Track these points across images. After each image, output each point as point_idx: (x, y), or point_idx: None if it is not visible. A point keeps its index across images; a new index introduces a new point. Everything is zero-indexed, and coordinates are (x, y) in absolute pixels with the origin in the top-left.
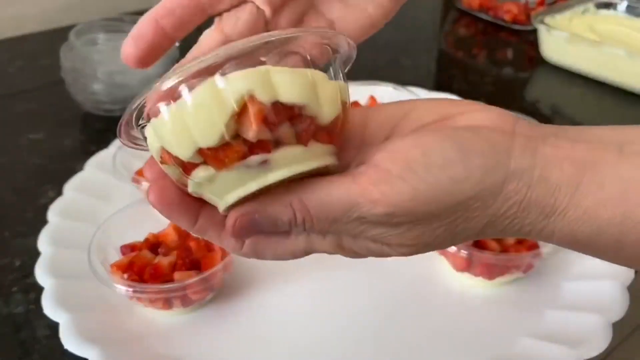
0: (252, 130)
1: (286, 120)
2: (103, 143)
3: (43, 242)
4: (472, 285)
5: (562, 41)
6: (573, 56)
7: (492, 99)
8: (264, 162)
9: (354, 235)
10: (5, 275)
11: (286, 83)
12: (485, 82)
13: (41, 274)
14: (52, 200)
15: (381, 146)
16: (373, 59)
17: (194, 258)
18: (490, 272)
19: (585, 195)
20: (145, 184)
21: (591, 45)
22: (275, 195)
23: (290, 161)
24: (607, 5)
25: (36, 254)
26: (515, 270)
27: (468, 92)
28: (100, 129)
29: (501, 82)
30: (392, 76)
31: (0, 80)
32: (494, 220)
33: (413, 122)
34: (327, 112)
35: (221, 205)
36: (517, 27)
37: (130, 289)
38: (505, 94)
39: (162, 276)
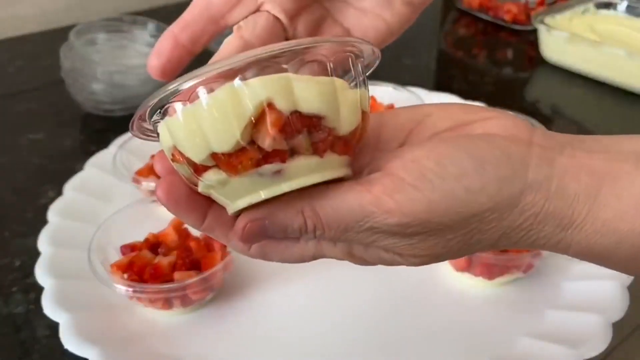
0: (268, 139)
1: (304, 130)
2: (103, 143)
3: (43, 242)
4: (472, 285)
5: (562, 41)
6: (573, 56)
7: (492, 99)
8: (278, 172)
9: (365, 244)
10: (5, 275)
11: (307, 93)
12: (485, 82)
13: (41, 274)
14: (52, 200)
15: (396, 153)
16: None
17: (194, 258)
18: (490, 272)
19: (604, 207)
20: (145, 184)
21: (591, 45)
22: (287, 201)
23: (304, 172)
24: (607, 5)
25: (36, 254)
26: (515, 270)
27: (468, 92)
28: (100, 129)
29: (501, 82)
30: (392, 76)
31: (0, 80)
32: (509, 232)
33: (428, 129)
34: (346, 123)
35: (230, 208)
36: (517, 27)
37: (130, 289)
38: (505, 94)
39: (162, 276)
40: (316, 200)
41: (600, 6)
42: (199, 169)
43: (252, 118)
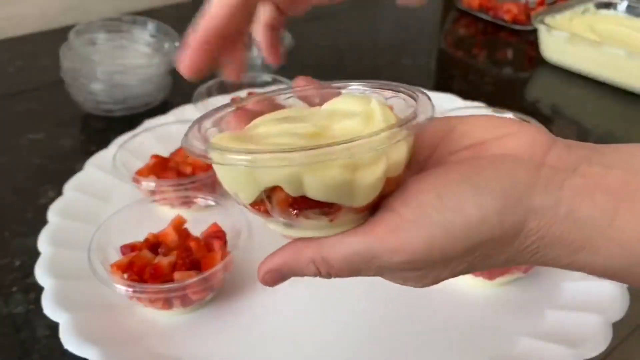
0: (276, 211)
1: (313, 207)
2: (103, 143)
3: (43, 242)
4: (472, 285)
5: (562, 41)
6: (573, 56)
7: (492, 99)
8: (289, 224)
9: (377, 274)
10: (5, 275)
11: (315, 186)
12: (485, 82)
13: (41, 274)
14: (52, 200)
15: (401, 188)
16: (373, 59)
17: (194, 258)
18: (491, 272)
19: (621, 228)
20: (145, 184)
21: (591, 45)
22: (298, 251)
23: (313, 229)
24: (607, 5)
25: (36, 254)
26: (515, 270)
27: (468, 92)
28: (100, 129)
29: (501, 82)
30: (392, 76)
31: (0, 80)
32: (514, 254)
33: (449, 147)
34: (360, 201)
35: None
36: (517, 27)
37: (130, 289)
38: (505, 94)
39: (162, 276)
40: (325, 248)
41: (600, 6)
42: None
43: (264, 192)
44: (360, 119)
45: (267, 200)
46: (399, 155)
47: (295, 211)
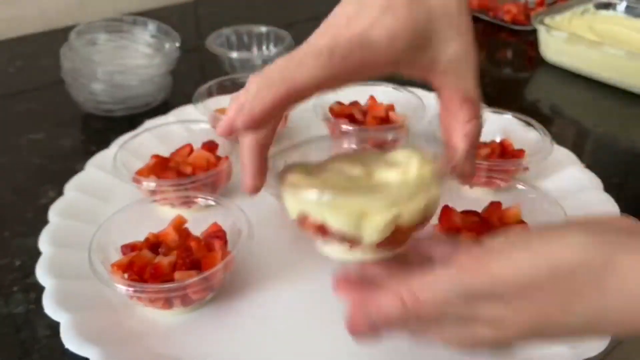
0: (307, 232)
1: (334, 234)
2: (103, 143)
3: (43, 242)
4: None
5: (562, 41)
6: (573, 56)
7: (492, 99)
8: (323, 242)
9: (464, 319)
10: (5, 275)
11: (331, 219)
12: (485, 83)
13: (42, 273)
14: (52, 200)
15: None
16: None
17: (194, 258)
18: None
19: None
20: (145, 184)
21: (591, 46)
22: (384, 288)
23: (338, 252)
24: (607, 6)
25: (36, 253)
26: None
27: None
28: (100, 129)
29: (501, 82)
30: (392, 76)
31: (0, 80)
32: (598, 301)
33: None
34: (371, 239)
35: None
36: (516, 27)
37: (131, 289)
38: (505, 94)
39: (162, 276)
40: (415, 284)
41: (600, 7)
42: None
43: (299, 216)
44: (398, 172)
45: (304, 220)
46: (412, 209)
47: (321, 234)
